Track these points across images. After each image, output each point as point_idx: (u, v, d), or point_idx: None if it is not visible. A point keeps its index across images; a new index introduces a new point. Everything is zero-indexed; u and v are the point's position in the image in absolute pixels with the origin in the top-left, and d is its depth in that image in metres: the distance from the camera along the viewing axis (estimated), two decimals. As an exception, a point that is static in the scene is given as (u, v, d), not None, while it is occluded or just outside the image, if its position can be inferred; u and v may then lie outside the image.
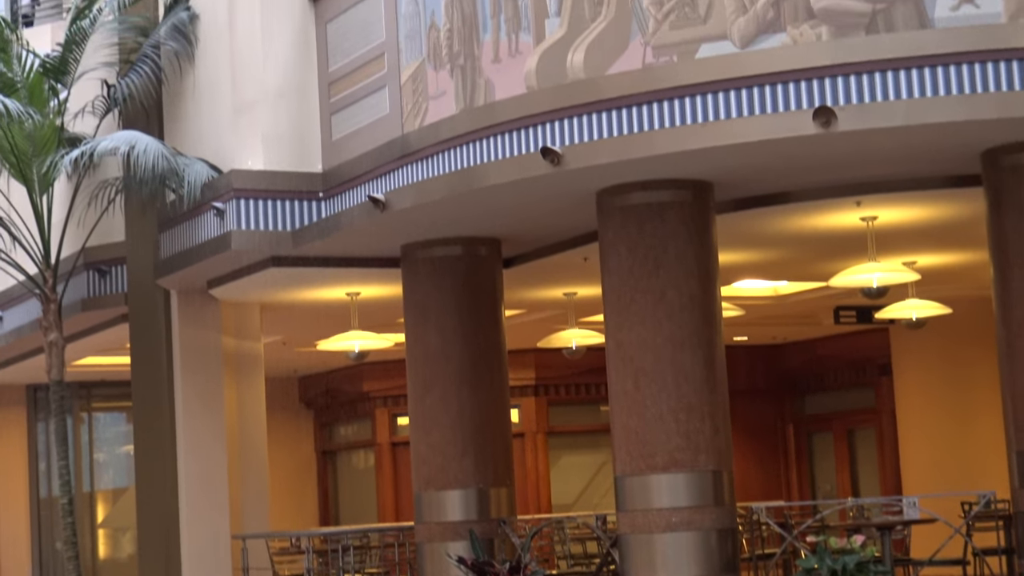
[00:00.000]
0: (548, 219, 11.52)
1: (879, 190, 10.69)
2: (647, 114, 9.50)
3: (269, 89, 12.25)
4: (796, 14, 9.15)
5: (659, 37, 9.50)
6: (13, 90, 13.40)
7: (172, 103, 13.50)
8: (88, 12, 13.53)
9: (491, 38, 10.34)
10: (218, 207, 12.13)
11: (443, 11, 10.70)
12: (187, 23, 13.07)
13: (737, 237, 11.63)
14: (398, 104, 11.20)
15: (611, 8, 9.68)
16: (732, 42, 9.29)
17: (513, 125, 10.08)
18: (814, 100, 9.02)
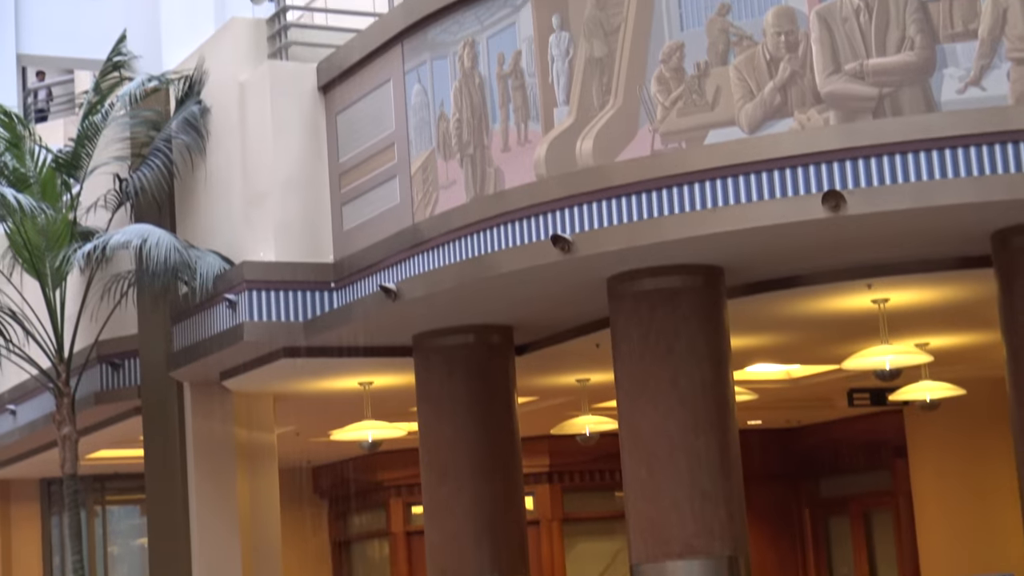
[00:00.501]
0: (560, 306, 11.54)
1: (890, 272, 10.71)
2: (656, 200, 9.54)
3: (280, 181, 12.31)
4: (803, 99, 9.21)
5: (667, 124, 9.56)
6: (26, 185, 13.49)
7: (184, 196, 13.57)
8: (100, 107, 13.64)
9: (500, 127, 10.41)
10: (230, 299, 12.16)
11: (452, 101, 10.78)
12: (198, 116, 13.16)
13: (749, 321, 11.63)
14: (409, 194, 11.25)
15: (619, 96, 9.75)
16: (740, 128, 9.35)
17: (523, 213, 10.13)
18: (823, 184, 9.06)
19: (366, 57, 11.78)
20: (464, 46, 10.67)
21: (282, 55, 12.70)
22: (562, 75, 10.04)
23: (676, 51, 9.58)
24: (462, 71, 10.70)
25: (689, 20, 9.58)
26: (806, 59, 9.22)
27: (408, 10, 11.33)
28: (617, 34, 9.79)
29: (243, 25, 13.03)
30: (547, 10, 10.11)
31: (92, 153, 13.72)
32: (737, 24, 9.42)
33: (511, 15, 10.34)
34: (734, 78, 9.40)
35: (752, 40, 9.38)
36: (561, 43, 10.04)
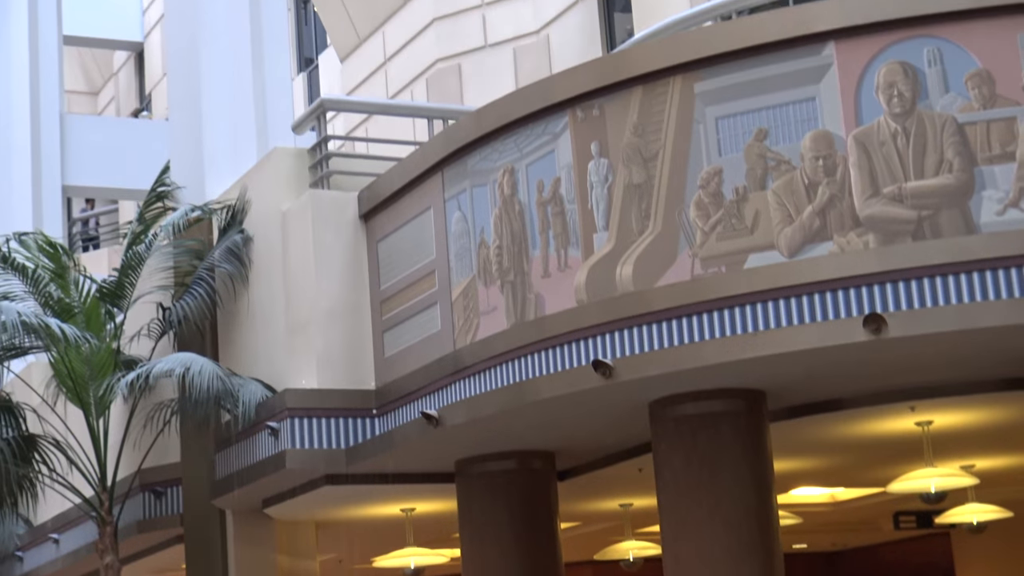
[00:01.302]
0: (602, 431, 11.51)
1: (933, 394, 10.65)
2: (697, 325, 9.55)
3: (322, 308, 12.38)
4: (842, 223, 9.23)
5: (707, 249, 9.59)
6: (70, 315, 13.60)
7: (226, 324, 13.65)
8: (144, 237, 13.78)
9: (540, 253, 10.46)
10: (272, 427, 12.18)
11: (492, 228, 10.85)
12: (241, 245, 13.28)
13: (792, 445, 11.57)
14: (450, 320, 11.29)
15: (658, 222, 9.80)
16: (780, 252, 9.37)
17: (564, 339, 10.15)
18: (863, 307, 9.05)
19: (407, 185, 11.88)
20: (504, 173, 10.77)
21: (323, 184, 12.83)
22: (601, 201, 10.10)
23: (714, 176, 9.64)
24: (502, 198, 10.78)
25: (727, 146, 9.65)
26: (844, 183, 9.26)
27: (448, 139, 11.45)
28: (656, 160, 9.87)
29: (285, 155, 13.18)
30: (586, 137, 10.20)
31: (136, 283, 13.84)
32: (775, 149, 9.48)
33: (550, 143, 10.43)
34: (773, 202, 9.44)
35: (790, 165, 9.43)
36: (600, 170, 10.12)
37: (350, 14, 21.56)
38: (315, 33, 24.84)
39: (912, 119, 9.18)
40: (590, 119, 10.19)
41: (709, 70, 9.71)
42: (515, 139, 10.70)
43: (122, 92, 32.92)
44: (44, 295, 13.83)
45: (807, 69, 9.41)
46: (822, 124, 9.35)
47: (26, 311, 13.20)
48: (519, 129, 10.66)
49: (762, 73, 9.53)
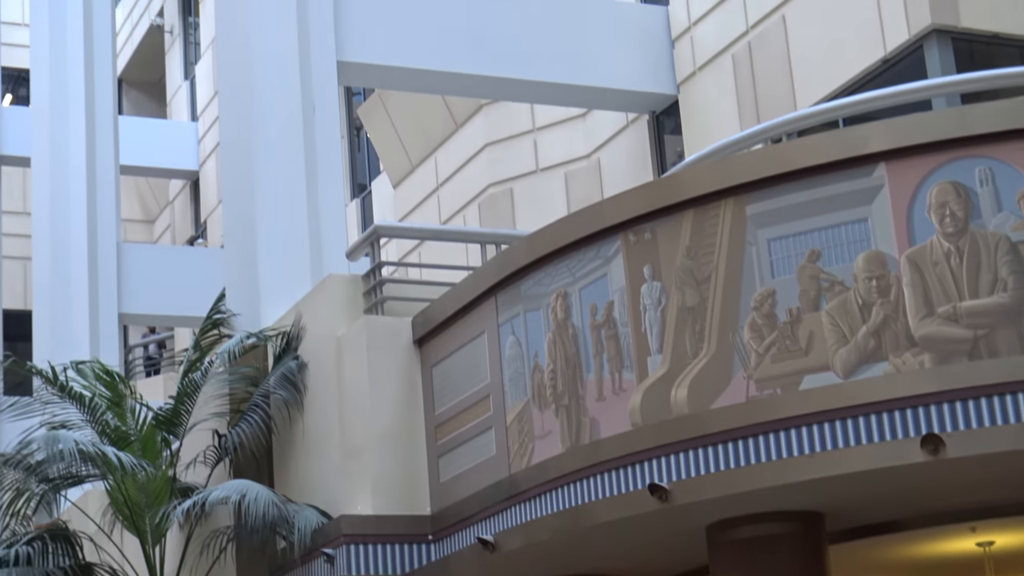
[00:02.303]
0: (658, 555, 11.43)
1: (993, 515, 10.53)
2: (753, 447, 9.51)
3: (377, 434, 12.39)
4: (897, 343, 9.20)
5: (761, 370, 9.57)
6: (127, 443, 13.66)
7: (282, 450, 13.68)
8: (200, 365, 13.87)
9: (594, 377, 10.46)
10: (328, 553, 12.15)
11: (546, 352, 10.87)
12: (296, 372, 13.35)
13: (852, 567, 11.44)
14: (504, 445, 11.28)
15: (712, 344, 9.80)
16: (835, 373, 9.34)
17: (619, 463, 10.12)
18: (920, 428, 8.99)
19: (460, 310, 11.94)
20: (557, 297, 10.81)
21: (378, 310, 12.90)
22: (655, 324, 10.12)
23: (768, 298, 9.65)
24: (555, 322, 10.81)
25: (780, 267, 9.66)
26: (898, 303, 9.25)
27: (501, 264, 11.51)
28: (708, 283, 9.88)
29: (339, 281, 13.28)
30: (638, 261, 10.23)
31: (192, 410, 13.91)
32: (828, 270, 9.49)
33: (603, 266, 10.48)
34: (827, 323, 9.43)
35: (843, 285, 9.42)
36: (653, 293, 10.14)
37: (403, 141, 21.79)
38: (368, 160, 25.10)
39: (965, 238, 9.18)
40: (642, 243, 10.23)
41: (760, 192, 9.76)
42: (568, 263, 10.75)
43: (178, 220, 33.30)
44: (101, 423, 13.91)
45: (859, 190, 9.44)
46: (875, 245, 9.36)
47: (83, 440, 13.26)
48: (572, 253, 10.71)
49: (813, 195, 9.57)
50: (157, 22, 34.01)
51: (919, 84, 11.45)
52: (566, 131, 19.38)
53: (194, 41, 32.57)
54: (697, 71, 16.82)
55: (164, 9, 33.82)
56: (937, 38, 13.83)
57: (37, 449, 13.41)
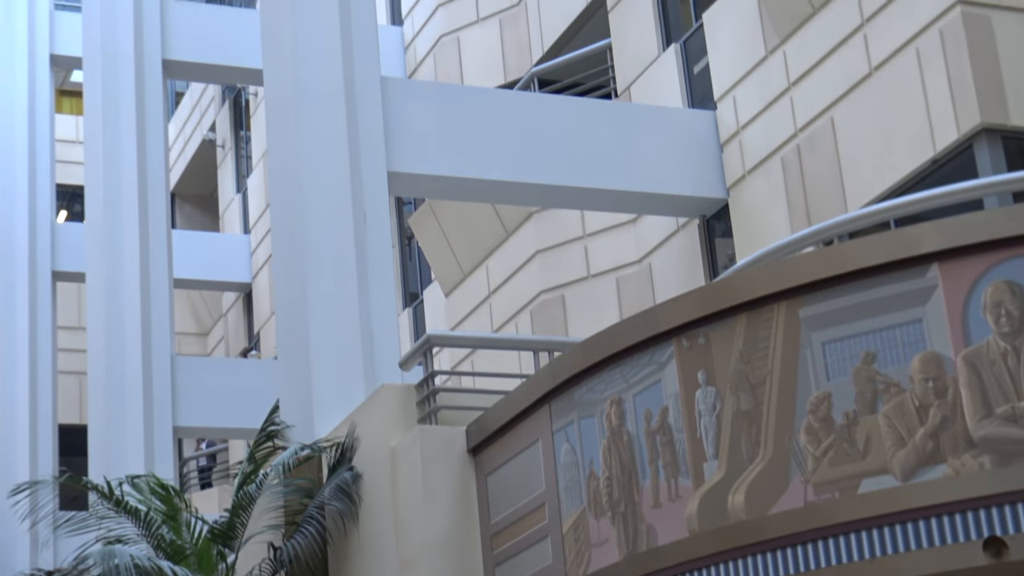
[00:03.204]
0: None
1: (1060, 617, 10.37)
2: (812, 552, 9.41)
3: (432, 544, 12.34)
4: (956, 445, 9.10)
5: (819, 474, 9.49)
6: (183, 557, 13.65)
7: (337, 562, 13.63)
8: (255, 477, 13.87)
9: (650, 484, 10.40)
10: (385, 666, 12.06)
11: (601, 459, 10.82)
12: (351, 483, 13.33)
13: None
14: (561, 554, 11.20)
15: (768, 448, 9.73)
16: (893, 476, 9.25)
17: (677, 570, 10.02)
18: (982, 531, 8.88)
19: (514, 419, 11.91)
20: (611, 404, 10.77)
21: (431, 419, 12.89)
22: (710, 429, 10.06)
23: (824, 401, 9.59)
24: (610, 429, 10.77)
25: (835, 370, 9.60)
26: (956, 404, 9.16)
27: (554, 371, 11.49)
28: (763, 387, 9.83)
29: (393, 391, 13.28)
30: (692, 366, 10.20)
31: (247, 522, 13.90)
32: (883, 372, 9.42)
33: (656, 372, 10.45)
34: (884, 426, 9.35)
35: (900, 387, 9.35)
36: (708, 398, 10.10)
37: (453, 250, 21.89)
38: (419, 269, 25.20)
39: (1022, 337, 9.10)
40: (696, 348, 10.21)
41: (813, 295, 9.72)
42: (621, 369, 10.72)
43: (231, 332, 33.47)
44: (157, 537, 13.91)
45: (912, 291, 9.39)
46: (930, 346, 9.29)
47: (139, 554, 13.27)
48: (625, 359, 10.69)
49: (867, 296, 9.53)
50: (209, 137, 34.42)
51: (970, 184, 11.43)
52: (617, 237, 19.42)
53: (245, 155, 32.92)
54: (746, 174, 16.85)
55: (216, 124, 34.24)
56: (987, 137, 13.82)
57: (93, 565, 13.41)
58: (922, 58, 14.31)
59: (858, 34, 15.12)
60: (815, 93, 15.75)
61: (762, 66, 16.57)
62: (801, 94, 15.96)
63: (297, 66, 16.11)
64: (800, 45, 15.96)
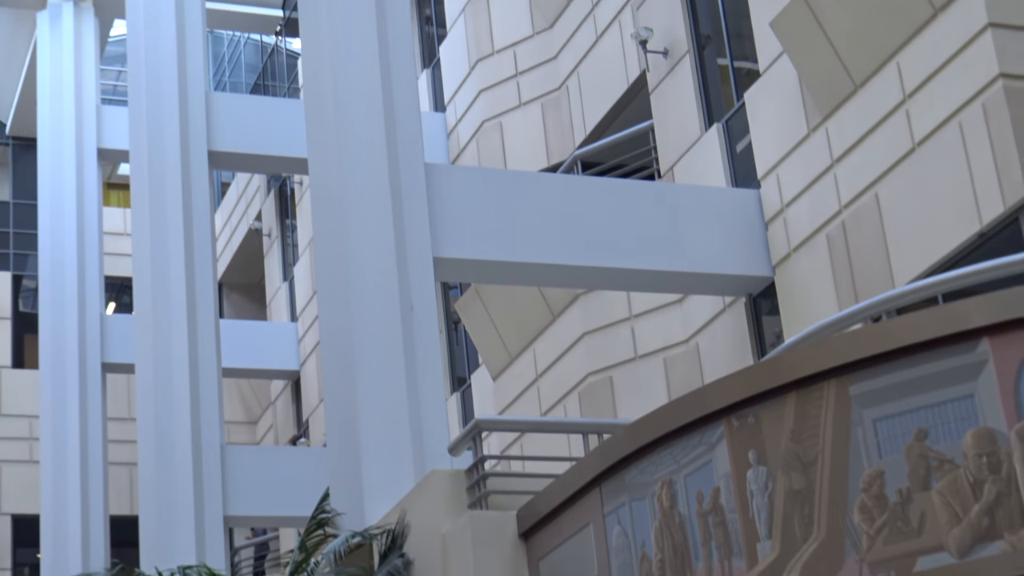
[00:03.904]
0: None
1: None
2: (870, 633, 9.31)
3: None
4: (1012, 520, 9.01)
5: (874, 553, 9.40)
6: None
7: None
8: (306, 566, 13.85)
9: (704, 565, 10.33)
10: None
11: (653, 542, 10.75)
12: (402, 570, 13.28)
13: None
14: (615, 638, 11.12)
15: (822, 527, 9.65)
16: (950, 553, 9.15)
17: (733, 653, 9.94)
18: (1042, 605, 8.78)
19: (565, 502, 11.86)
20: (662, 486, 10.72)
21: (482, 504, 12.85)
22: (763, 509, 10.00)
23: (876, 479, 9.51)
24: (661, 511, 10.71)
25: (887, 447, 9.53)
26: (1011, 479, 9.07)
27: (604, 454, 11.46)
28: (815, 465, 9.77)
29: (442, 477, 13.26)
30: (743, 446, 10.15)
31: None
32: (936, 448, 9.35)
33: (707, 453, 10.40)
34: (938, 503, 9.26)
35: (953, 463, 9.27)
36: (759, 478, 10.04)
37: (500, 333, 21.91)
38: (467, 353, 25.22)
39: (1075, 411, 9.03)
40: (746, 427, 10.16)
41: (863, 372, 9.68)
42: (671, 451, 10.68)
43: (280, 420, 33.53)
44: (209, 627, 13.91)
45: (963, 366, 9.33)
46: (983, 421, 9.22)
47: (192, 644, 13.27)
48: (675, 441, 10.65)
49: (917, 372, 9.47)
50: (255, 226, 34.67)
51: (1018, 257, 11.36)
52: (663, 317, 19.40)
53: (292, 243, 33.12)
54: (792, 252, 16.83)
55: (262, 213, 34.48)
56: (1033, 209, 13.80)
57: (147, 655, 13.42)
58: (965, 132, 14.30)
59: (900, 110, 15.13)
60: (859, 169, 15.75)
61: (805, 144, 16.59)
62: (845, 171, 15.96)
63: (342, 154, 16.23)
64: (842, 122, 15.99)
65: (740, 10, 18.24)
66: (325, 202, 16.58)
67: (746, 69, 18.28)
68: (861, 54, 15.61)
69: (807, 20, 16.05)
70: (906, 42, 15.05)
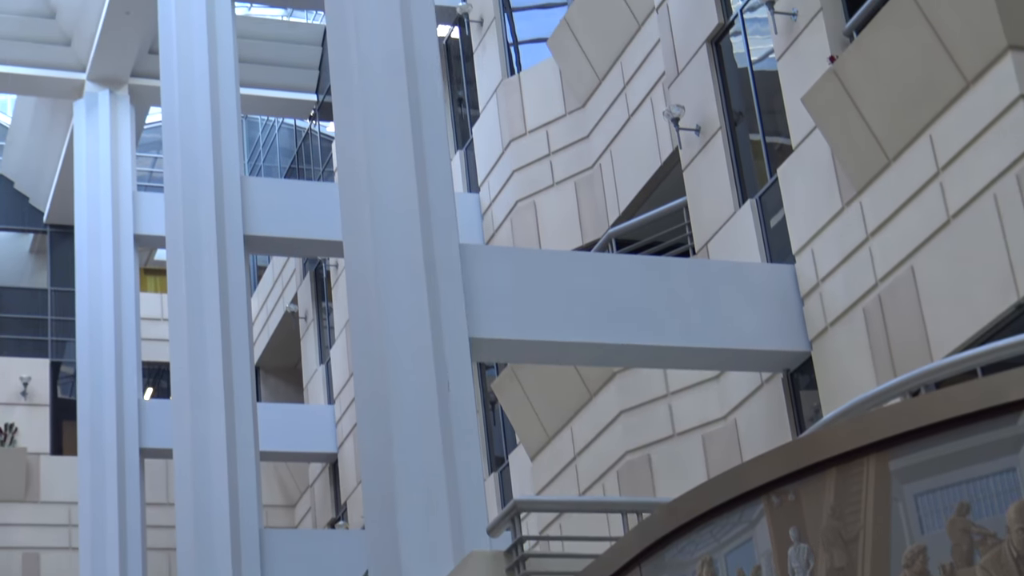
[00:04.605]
0: None
1: None
2: None
3: None
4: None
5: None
6: None
7: None
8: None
9: (746, 645, 10.25)
10: None
11: (695, 622, 10.68)
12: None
13: None
14: None
15: (865, 605, 9.57)
16: (995, 629, 9.07)
17: None
18: None
19: (605, 582, 11.80)
20: (702, 565, 10.64)
21: (521, 586, 12.80)
22: (804, 587, 9.92)
23: (919, 555, 9.42)
24: (702, 590, 10.64)
25: (929, 522, 9.45)
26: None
27: (643, 533, 11.39)
28: (856, 542, 9.69)
29: (481, 558, 13.21)
30: (783, 523, 10.08)
31: None
32: (979, 523, 9.26)
33: (747, 531, 10.33)
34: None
35: (996, 538, 9.18)
36: (800, 555, 9.96)
37: (537, 413, 21.87)
38: (504, 433, 25.17)
39: (1119, 483, 8.95)
40: (786, 504, 10.09)
41: (903, 447, 9.61)
42: (711, 529, 10.61)
43: (318, 503, 33.47)
44: None
45: (1004, 439, 9.26)
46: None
47: None
48: (715, 519, 10.58)
49: (957, 447, 9.40)
50: (291, 309, 34.77)
51: (1056, 328, 11.34)
52: (701, 394, 19.33)
53: (328, 325, 33.19)
54: (829, 326, 16.78)
55: (298, 296, 34.59)
56: (1070, 280, 13.74)
57: None
58: (1000, 203, 14.27)
59: (934, 182, 15.12)
60: (894, 243, 15.73)
61: (839, 218, 16.58)
62: (880, 244, 15.94)
63: (376, 236, 16.29)
64: (876, 195, 15.98)
65: (771, 86, 18.30)
66: (360, 284, 16.63)
67: (778, 144, 18.31)
68: (894, 128, 15.62)
69: (839, 95, 16.09)
70: (939, 115, 15.06)
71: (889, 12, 15.40)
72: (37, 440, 35.52)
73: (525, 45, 25.39)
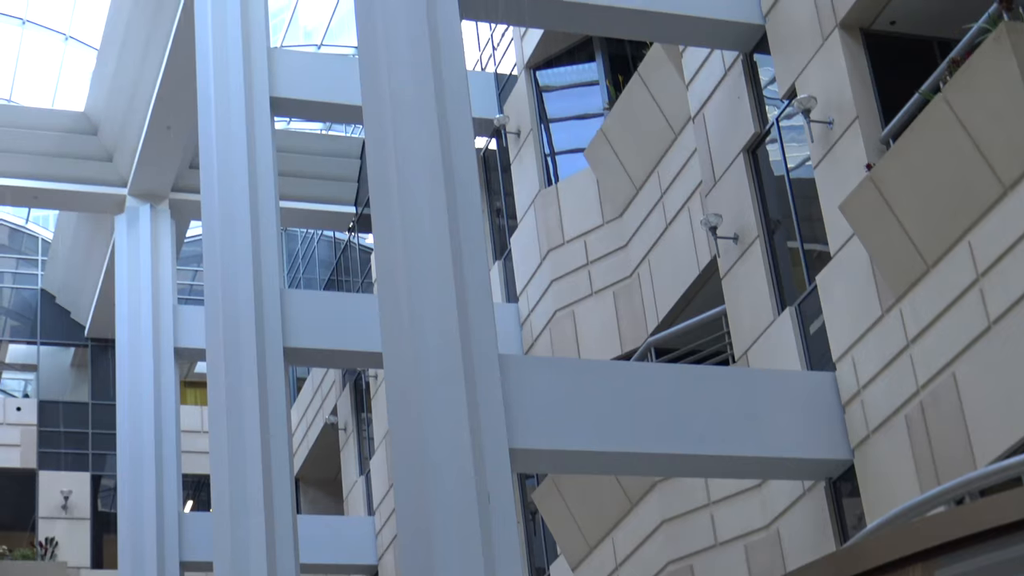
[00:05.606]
0: None
1: None
2: None
3: None
4: None
5: None
6: None
7: None
8: None
9: None
10: None
11: None
12: None
13: None
14: None
15: None
16: None
17: None
18: None
19: None
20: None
21: None
22: None
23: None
24: None
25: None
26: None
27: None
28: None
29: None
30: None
31: None
32: (1028, 633, 9.16)
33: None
34: None
35: (1046, 649, 9.08)
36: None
37: (578, 523, 21.76)
38: (545, 543, 25.03)
39: None
40: (831, 615, 9.99)
41: (948, 556, 9.52)
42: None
43: (359, 617, 33.27)
44: None
45: (1051, 548, 9.18)
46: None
47: None
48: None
49: (1003, 556, 9.31)
50: (331, 420, 34.78)
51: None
52: (743, 503, 19.21)
53: (367, 436, 33.17)
54: (871, 434, 16.68)
55: (337, 407, 34.62)
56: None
57: None
58: (1041, 309, 14.23)
59: (974, 288, 15.09)
60: (935, 349, 15.67)
61: (879, 325, 16.54)
62: (920, 351, 15.88)
63: (415, 347, 16.31)
64: (916, 302, 15.95)
65: (809, 193, 18.34)
66: (400, 395, 16.63)
67: (817, 252, 18.32)
68: (932, 234, 15.62)
69: (876, 202, 16.12)
70: (977, 221, 15.06)
71: (925, 119, 15.45)
72: (78, 554, 35.53)
73: (562, 156, 25.56)
